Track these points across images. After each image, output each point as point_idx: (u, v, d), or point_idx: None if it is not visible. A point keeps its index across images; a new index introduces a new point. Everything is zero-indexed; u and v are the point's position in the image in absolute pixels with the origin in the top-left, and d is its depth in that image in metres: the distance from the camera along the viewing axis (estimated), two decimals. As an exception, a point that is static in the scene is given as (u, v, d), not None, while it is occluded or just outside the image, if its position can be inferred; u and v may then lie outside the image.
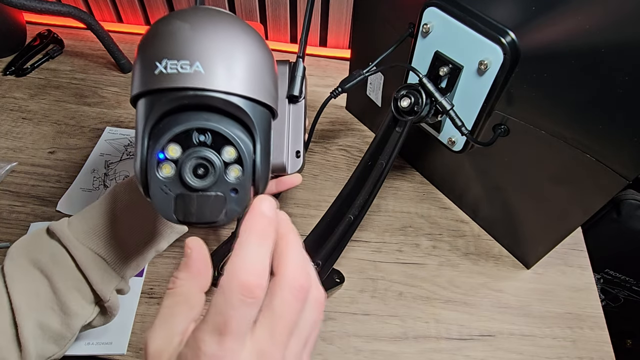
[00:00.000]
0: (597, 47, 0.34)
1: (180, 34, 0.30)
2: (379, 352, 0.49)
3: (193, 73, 0.29)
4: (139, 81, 0.31)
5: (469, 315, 0.52)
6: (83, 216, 0.41)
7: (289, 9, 0.78)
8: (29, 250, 0.39)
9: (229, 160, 0.30)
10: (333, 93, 0.50)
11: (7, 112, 0.70)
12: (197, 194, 0.30)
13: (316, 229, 0.50)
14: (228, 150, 0.30)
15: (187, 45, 0.29)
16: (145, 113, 0.30)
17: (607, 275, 0.88)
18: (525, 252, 0.56)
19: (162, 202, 0.30)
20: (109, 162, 0.64)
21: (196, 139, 0.30)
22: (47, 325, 0.37)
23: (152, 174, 0.30)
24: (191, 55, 0.29)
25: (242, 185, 0.30)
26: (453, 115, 0.44)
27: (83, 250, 0.38)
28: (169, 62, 0.29)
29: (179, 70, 0.29)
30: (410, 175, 0.66)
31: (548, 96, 0.40)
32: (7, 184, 0.61)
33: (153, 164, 0.30)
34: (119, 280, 0.41)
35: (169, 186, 0.30)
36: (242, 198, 0.31)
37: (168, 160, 0.30)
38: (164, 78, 0.29)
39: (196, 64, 0.29)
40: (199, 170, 0.30)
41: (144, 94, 0.30)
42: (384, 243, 0.58)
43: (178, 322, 0.25)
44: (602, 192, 0.41)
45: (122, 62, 0.76)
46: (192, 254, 0.27)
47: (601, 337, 0.51)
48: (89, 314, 0.40)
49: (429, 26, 0.44)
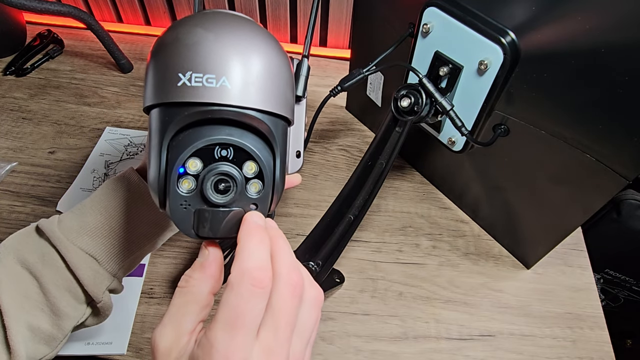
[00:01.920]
0: (597, 47, 0.34)
1: (204, 45, 0.29)
2: (379, 352, 0.49)
3: (219, 88, 0.28)
4: (159, 91, 0.29)
5: (469, 315, 0.52)
6: (74, 214, 0.39)
7: (289, 9, 0.78)
8: (17, 249, 0.38)
9: (250, 175, 0.30)
10: (332, 92, 0.50)
11: (7, 112, 0.70)
12: (218, 210, 0.29)
13: (316, 229, 0.50)
14: (249, 165, 0.30)
15: (212, 58, 0.28)
16: (163, 125, 0.29)
17: (607, 275, 0.88)
18: (525, 252, 0.56)
19: (182, 218, 0.29)
20: (109, 162, 0.64)
21: (218, 154, 0.29)
22: (37, 327, 0.37)
23: (173, 189, 0.29)
24: (217, 70, 0.28)
25: (263, 200, 0.30)
26: (453, 115, 0.44)
27: (73, 250, 0.37)
28: (194, 74, 0.28)
29: (204, 84, 0.28)
30: (410, 175, 0.66)
31: (548, 96, 0.40)
32: (7, 184, 0.61)
33: (174, 179, 0.29)
34: (111, 280, 0.40)
35: (189, 201, 0.29)
36: (262, 212, 0.30)
37: (188, 175, 0.29)
38: (187, 91, 0.28)
39: (222, 79, 0.28)
40: (220, 186, 0.29)
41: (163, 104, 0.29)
42: (384, 243, 0.58)
43: (188, 321, 0.26)
44: (602, 192, 0.41)
45: (122, 62, 0.76)
46: (209, 257, 0.28)
47: (601, 337, 0.51)
48: (80, 315, 0.39)
49: (429, 26, 0.44)
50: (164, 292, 0.52)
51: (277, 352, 0.24)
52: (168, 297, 0.51)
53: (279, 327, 0.25)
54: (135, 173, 0.42)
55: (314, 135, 0.70)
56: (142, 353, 0.47)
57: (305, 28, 0.81)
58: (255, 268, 0.25)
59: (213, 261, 0.28)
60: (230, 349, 0.23)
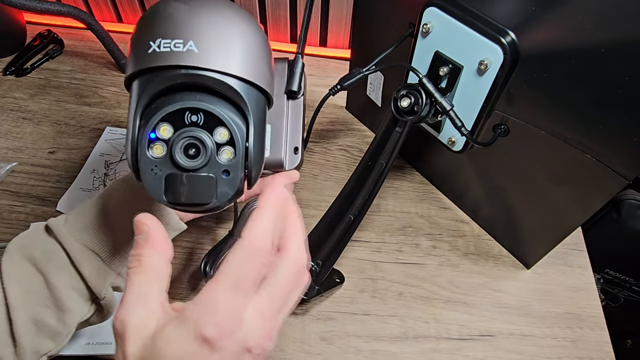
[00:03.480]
0: (597, 47, 0.34)
1: (176, 15, 0.30)
2: (379, 352, 0.49)
3: (186, 52, 0.29)
4: (133, 62, 0.30)
5: (469, 315, 0.52)
6: (78, 213, 0.40)
7: (289, 9, 0.78)
8: (25, 246, 0.39)
9: (221, 141, 0.30)
10: (332, 90, 0.50)
11: (7, 112, 0.70)
12: (188, 174, 0.30)
13: (316, 229, 0.50)
14: (220, 131, 0.30)
15: (182, 25, 0.29)
16: (137, 93, 0.30)
17: (607, 275, 0.88)
18: (525, 252, 0.56)
19: (153, 183, 0.30)
20: (109, 162, 0.64)
21: (188, 119, 0.29)
22: (42, 322, 0.37)
23: (143, 153, 0.29)
24: (185, 35, 0.29)
25: (234, 167, 0.30)
26: (453, 115, 0.44)
27: (77, 247, 0.38)
28: (162, 41, 0.29)
29: (172, 49, 0.29)
30: (410, 175, 0.66)
31: (548, 96, 0.40)
32: (7, 184, 0.61)
33: (144, 144, 0.29)
34: (114, 277, 0.40)
35: (159, 166, 0.30)
36: (234, 180, 0.30)
37: (159, 140, 0.29)
38: (156, 56, 0.29)
39: (190, 43, 0.29)
40: (190, 151, 0.29)
41: (137, 74, 0.30)
42: (384, 243, 0.58)
43: (155, 296, 0.26)
44: (602, 192, 0.41)
45: (122, 62, 0.76)
46: (151, 229, 0.28)
47: (601, 337, 0.51)
48: (84, 311, 0.40)
49: (429, 26, 0.44)
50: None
51: (267, 318, 0.26)
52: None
53: (275, 298, 0.26)
54: None
55: (314, 135, 0.70)
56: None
57: (305, 28, 0.81)
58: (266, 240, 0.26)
59: (157, 233, 0.28)
60: (232, 305, 0.24)
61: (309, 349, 0.49)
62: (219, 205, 0.31)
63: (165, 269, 0.27)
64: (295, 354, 0.48)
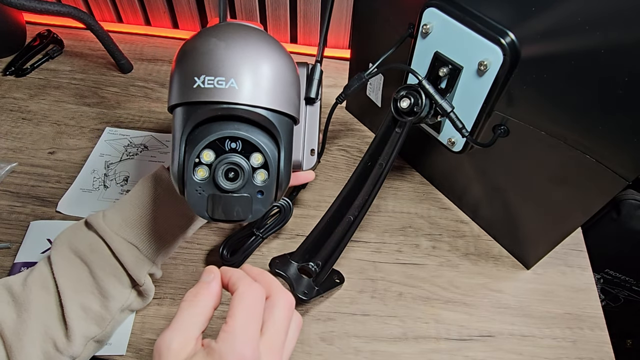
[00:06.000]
0: (597, 47, 0.34)
1: (216, 52, 0.33)
2: (379, 353, 0.49)
3: (228, 89, 0.33)
4: (178, 92, 0.34)
5: (468, 315, 0.52)
6: (115, 209, 0.46)
7: (289, 9, 0.78)
8: (70, 240, 0.44)
9: (257, 165, 0.34)
10: (338, 99, 0.52)
11: (7, 113, 0.70)
12: (228, 195, 0.34)
13: (316, 229, 0.50)
14: (256, 156, 0.34)
15: (222, 63, 0.33)
16: (182, 121, 0.34)
17: (607, 275, 0.88)
18: (525, 253, 0.56)
19: (197, 202, 0.34)
20: (108, 162, 0.64)
21: (228, 146, 0.33)
22: (88, 307, 0.42)
23: (189, 176, 0.34)
24: (226, 73, 0.33)
25: (268, 188, 0.35)
26: (454, 117, 0.44)
27: (118, 240, 0.44)
28: (206, 77, 0.33)
29: (215, 86, 0.33)
30: (410, 175, 0.66)
31: (548, 97, 0.40)
32: (7, 185, 0.61)
33: (190, 168, 0.33)
34: (150, 265, 0.46)
35: (203, 187, 0.34)
36: (267, 199, 0.35)
37: (203, 165, 0.33)
38: (201, 92, 0.33)
39: (231, 81, 0.33)
40: (230, 174, 0.34)
41: (183, 104, 0.34)
42: (383, 243, 0.58)
43: (196, 330, 0.30)
44: (602, 193, 0.41)
45: (121, 63, 0.76)
46: (215, 279, 0.33)
47: (601, 338, 0.51)
48: (126, 297, 0.45)
49: (428, 27, 0.44)
50: (163, 293, 0.52)
51: (277, 350, 0.31)
52: (167, 299, 0.51)
53: (278, 330, 0.31)
54: (166, 171, 0.48)
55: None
56: (141, 354, 0.47)
57: (305, 28, 0.81)
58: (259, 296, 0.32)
59: (218, 283, 0.33)
60: (249, 334, 0.29)
61: (308, 350, 0.49)
62: (252, 220, 0.35)
63: (210, 313, 0.32)
64: (295, 354, 0.48)
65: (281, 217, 0.56)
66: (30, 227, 0.56)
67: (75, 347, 0.41)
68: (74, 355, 0.42)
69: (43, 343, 0.40)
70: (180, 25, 0.86)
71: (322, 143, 0.55)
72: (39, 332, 0.40)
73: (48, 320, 0.41)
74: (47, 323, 0.41)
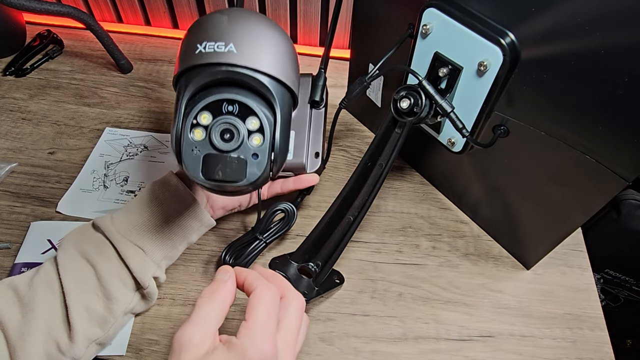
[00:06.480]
0: (597, 48, 0.34)
1: (219, 23, 0.35)
2: (379, 353, 0.49)
3: (227, 52, 0.34)
4: (182, 61, 0.36)
5: (468, 316, 0.52)
6: (123, 212, 0.47)
7: (289, 9, 0.78)
8: (77, 242, 0.45)
9: (252, 129, 0.35)
10: (342, 104, 0.52)
11: (6, 113, 0.70)
12: (223, 155, 0.34)
13: (316, 230, 0.50)
14: (252, 120, 0.34)
15: (224, 31, 0.35)
16: (184, 87, 0.35)
17: (607, 275, 0.88)
18: (525, 253, 0.56)
19: (192, 162, 0.34)
20: (108, 162, 0.64)
21: (225, 109, 0.34)
22: (92, 309, 0.43)
23: (186, 136, 0.34)
24: (226, 38, 0.34)
25: (262, 152, 0.35)
26: (454, 117, 0.44)
27: (124, 242, 0.44)
28: (207, 43, 0.34)
29: (215, 50, 0.34)
30: (410, 175, 0.66)
31: (548, 97, 0.40)
32: (7, 185, 0.61)
33: (187, 128, 0.34)
34: (155, 268, 0.46)
35: (199, 147, 0.34)
36: (262, 163, 0.35)
37: (200, 126, 0.34)
38: (202, 56, 0.34)
39: (230, 45, 0.34)
40: (225, 135, 0.34)
41: (185, 70, 0.35)
42: (383, 244, 0.58)
43: (214, 325, 0.32)
44: (602, 194, 0.41)
45: (121, 63, 0.76)
46: (231, 278, 0.34)
47: (601, 338, 0.51)
48: (129, 300, 0.45)
49: (428, 27, 0.44)
50: (163, 294, 0.52)
51: (291, 347, 0.33)
52: (167, 299, 0.51)
53: (292, 328, 0.33)
54: (175, 176, 0.49)
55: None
56: (141, 354, 0.47)
57: (305, 28, 0.81)
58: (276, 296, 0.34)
59: (233, 283, 0.34)
60: (268, 331, 0.31)
61: (308, 350, 0.49)
62: (247, 185, 0.35)
63: (226, 310, 0.33)
64: (295, 354, 0.48)
65: (285, 222, 0.54)
66: (30, 227, 0.56)
67: (77, 349, 0.41)
68: (75, 357, 0.42)
69: (46, 344, 0.40)
70: (180, 26, 0.86)
71: (328, 149, 0.55)
72: (43, 333, 0.41)
73: (52, 321, 0.41)
74: (51, 324, 0.41)
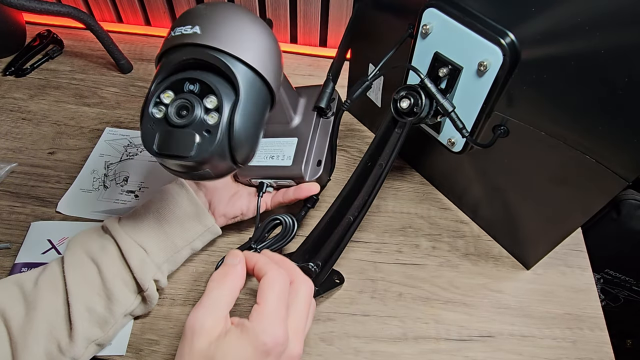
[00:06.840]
0: (597, 48, 0.34)
1: (192, 11, 0.37)
2: (379, 353, 0.49)
3: (191, 33, 0.35)
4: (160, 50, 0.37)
5: (468, 316, 0.52)
6: (131, 214, 0.48)
7: (289, 9, 0.78)
8: (84, 241, 0.46)
9: (210, 107, 0.35)
10: (344, 106, 0.52)
11: (6, 113, 0.70)
12: (173, 129, 0.35)
13: (316, 230, 0.50)
14: (210, 98, 0.35)
15: (194, 16, 0.36)
16: (157, 71, 0.37)
17: (607, 275, 0.88)
18: (525, 253, 0.56)
19: (148, 137, 0.35)
20: (108, 162, 0.64)
21: (187, 88, 0.35)
22: (93, 309, 0.43)
23: (146, 112, 0.35)
24: (193, 22, 0.35)
25: (216, 129, 0.35)
26: (455, 117, 0.44)
27: (127, 240, 0.45)
28: (177, 28, 0.36)
29: (182, 33, 0.35)
30: (410, 175, 0.66)
31: (548, 97, 0.40)
32: (7, 185, 0.61)
33: (149, 105, 0.35)
34: (155, 270, 0.46)
35: (156, 123, 0.35)
36: (213, 139, 0.34)
37: (162, 104, 0.35)
38: (171, 40, 0.36)
39: (195, 27, 0.35)
40: (182, 112, 0.35)
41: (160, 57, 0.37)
42: (383, 244, 0.58)
43: (225, 309, 0.33)
44: (602, 194, 0.41)
45: (121, 63, 0.76)
46: (241, 262, 0.35)
47: (601, 338, 0.51)
48: (130, 302, 0.45)
49: (428, 27, 0.44)
50: (163, 294, 0.52)
51: (300, 332, 0.34)
52: (166, 299, 0.51)
53: (302, 313, 0.35)
54: (182, 181, 0.50)
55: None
56: (141, 354, 0.47)
57: (305, 28, 0.81)
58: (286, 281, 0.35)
59: (243, 268, 0.35)
60: (280, 315, 0.32)
61: (308, 350, 0.49)
62: (197, 161, 0.35)
63: (237, 293, 0.34)
64: (294, 354, 0.48)
65: (282, 234, 0.52)
66: (30, 227, 0.56)
67: (76, 349, 0.42)
68: (74, 357, 0.42)
69: (47, 343, 0.41)
70: (180, 26, 0.85)
71: (332, 160, 0.53)
72: (45, 331, 0.41)
73: (54, 320, 0.42)
74: (54, 323, 0.42)
